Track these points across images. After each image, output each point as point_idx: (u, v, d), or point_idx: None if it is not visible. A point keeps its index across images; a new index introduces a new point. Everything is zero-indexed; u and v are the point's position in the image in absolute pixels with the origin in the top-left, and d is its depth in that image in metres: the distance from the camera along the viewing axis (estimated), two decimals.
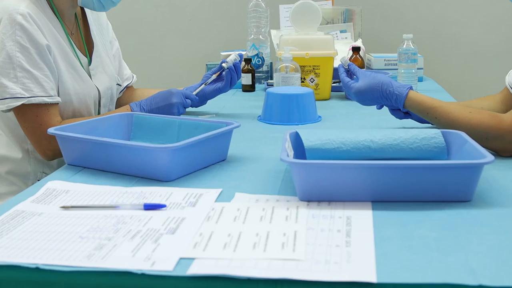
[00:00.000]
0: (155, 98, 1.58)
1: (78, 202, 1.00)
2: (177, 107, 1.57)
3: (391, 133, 1.14)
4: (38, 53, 1.40)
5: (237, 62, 1.68)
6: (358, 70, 1.44)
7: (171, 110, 1.56)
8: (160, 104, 1.56)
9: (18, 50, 1.38)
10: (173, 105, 1.56)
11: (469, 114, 1.25)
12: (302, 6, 2.01)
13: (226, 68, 1.67)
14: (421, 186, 0.96)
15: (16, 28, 1.38)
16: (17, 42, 1.38)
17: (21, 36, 1.38)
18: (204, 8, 3.00)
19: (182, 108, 1.59)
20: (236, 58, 1.67)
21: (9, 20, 1.38)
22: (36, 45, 1.40)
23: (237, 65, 1.68)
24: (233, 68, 1.67)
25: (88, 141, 1.17)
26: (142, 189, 1.04)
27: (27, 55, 1.39)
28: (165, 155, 1.08)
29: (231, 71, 1.67)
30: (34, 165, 1.51)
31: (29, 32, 1.39)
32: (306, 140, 1.11)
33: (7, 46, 1.38)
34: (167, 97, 1.57)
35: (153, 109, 1.56)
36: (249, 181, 1.10)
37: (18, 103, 1.38)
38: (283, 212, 0.93)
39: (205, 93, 1.68)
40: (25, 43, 1.39)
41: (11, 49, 1.38)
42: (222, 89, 1.68)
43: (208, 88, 1.67)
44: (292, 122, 1.61)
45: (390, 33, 2.79)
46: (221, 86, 1.68)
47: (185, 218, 0.90)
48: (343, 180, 0.96)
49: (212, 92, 1.68)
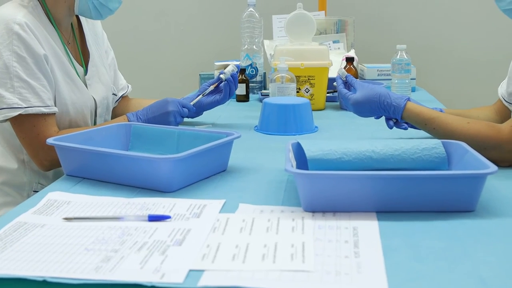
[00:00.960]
0: (152, 108, 1.58)
1: (80, 213, 0.99)
2: (174, 116, 1.56)
3: (392, 143, 1.15)
4: (35, 62, 1.39)
5: (235, 73, 1.68)
6: (356, 81, 1.44)
7: (168, 119, 1.56)
8: (157, 113, 1.56)
9: (15, 60, 1.37)
10: (170, 113, 1.56)
11: (467, 124, 1.26)
12: (297, 17, 2.02)
13: (224, 80, 1.67)
14: (425, 196, 0.97)
15: (13, 37, 1.37)
16: (14, 51, 1.37)
17: (18, 46, 1.37)
18: (197, 18, 3.01)
19: (179, 117, 1.59)
20: (233, 69, 1.68)
21: (6, 30, 1.37)
22: (33, 54, 1.39)
23: (235, 76, 1.68)
24: (231, 79, 1.67)
25: (88, 151, 1.16)
26: (145, 200, 1.04)
27: (24, 65, 1.38)
28: (167, 166, 1.08)
29: (229, 82, 1.67)
30: (29, 176, 1.50)
31: (26, 41, 1.38)
32: (308, 151, 1.11)
33: (4, 55, 1.37)
34: (163, 106, 1.57)
35: (150, 119, 1.56)
36: (251, 192, 1.10)
37: (15, 114, 1.37)
38: (289, 223, 0.92)
39: (202, 105, 1.67)
40: (22, 52, 1.38)
41: (8, 59, 1.37)
42: (220, 101, 1.68)
43: (205, 99, 1.67)
44: (289, 132, 1.61)
45: (382, 43, 2.82)
46: (219, 98, 1.68)
47: (190, 229, 0.90)
48: (348, 191, 0.96)
49: (210, 103, 1.68)
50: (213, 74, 2.31)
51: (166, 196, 1.07)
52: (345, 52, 2.45)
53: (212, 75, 2.32)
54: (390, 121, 1.43)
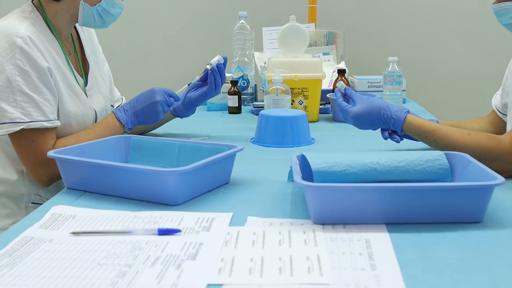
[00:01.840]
0: (138, 99, 1.57)
1: (87, 227, 0.98)
2: (161, 105, 1.56)
3: (396, 155, 1.15)
4: (39, 76, 1.38)
5: (221, 63, 1.67)
6: (355, 94, 1.45)
7: (156, 108, 1.55)
8: (144, 104, 1.55)
9: (18, 73, 1.35)
10: (157, 103, 1.55)
11: (468, 136, 1.28)
12: (290, 29, 2.03)
13: (210, 70, 1.66)
14: (434, 207, 0.97)
15: (15, 51, 1.35)
16: (16, 65, 1.35)
17: (21, 60, 1.36)
18: (186, 30, 3.01)
19: (166, 106, 1.58)
20: (219, 59, 1.67)
21: (8, 44, 1.36)
22: (36, 68, 1.37)
23: (221, 66, 1.67)
24: (216, 69, 1.66)
25: (91, 164, 1.15)
26: (152, 214, 1.03)
27: (27, 79, 1.36)
28: (173, 179, 1.07)
29: (214, 72, 1.66)
30: (28, 187, 1.47)
31: (29, 55, 1.36)
32: (313, 163, 1.11)
33: (7, 69, 1.35)
34: (150, 96, 1.56)
35: (138, 111, 1.55)
36: (258, 205, 1.10)
37: (17, 128, 1.35)
38: (300, 236, 0.92)
39: (191, 100, 1.67)
40: (25, 66, 1.36)
41: (11, 73, 1.35)
42: (207, 93, 1.67)
43: (193, 94, 1.67)
44: (286, 145, 1.61)
45: (372, 55, 2.84)
46: (206, 90, 1.67)
47: (202, 243, 0.89)
48: (358, 203, 0.97)
49: (198, 97, 1.68)
50: None
51: (173, 209, 1.06)
52: (335, 64, 2.46)
53: None
54: (385, 132, 1.44)
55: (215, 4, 2.99)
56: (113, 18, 1.56)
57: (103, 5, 1.51)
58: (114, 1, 1.52)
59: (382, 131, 1.44)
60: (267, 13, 2.86)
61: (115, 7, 1.53)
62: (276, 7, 2.90)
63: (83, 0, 1.48)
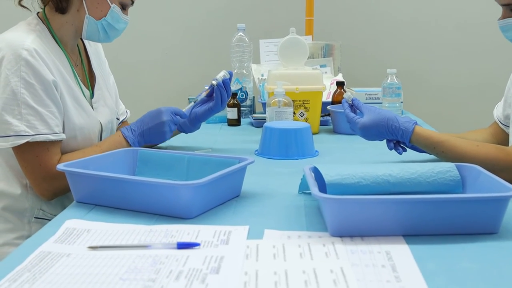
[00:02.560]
0: (145, 119, 1.57)
1: (103, 241, 0.97)
2: (168, 125, 1.56)
3: (408, 167, 1.16)
4: (44, 89, 1.37)
5: (226, 79, 1.67)
6: (362, 105, 1.46)
7: (163, 129, 1.55)
8: (151, 124, 1.56)
9: (23, 86, 1.34)
10: (164, 123, 1.55)
11: (476, 147, 1.29)
12: (290, 41, 2.04)
13: (216, 85, 1.66)
14: (450, 219, 0.98)
15: (21, 63, 1.34)
16: (22, 78, 1.34)
17: (26, 72, 1.35)
18: (184, 42, 3.02)
19: (173, 125, 1.58)
20: (225, 75, 1.67)
21: (14, 56, 1.35)
22: (42, 81, 1.37)
23: (226, 81, 1.67)
24: (222, 85, 1.66)
25: (103, 177, 1.14)
26: (167, 227, 1.02)
27: (32, 92, 1.35)
28: (188, 192, 1.06)
29: (220, 87, 1.66)
30: (32, 202, 1.46)
31: (35, 68, 1.36)
32: (327, 175, 1.11)
33: (12, 82, 1.34)
34: (157, 116, 1.56)
35: (144, 131, 1.55)
36: (272, 217, 1.09)
37: (23, 141, 1.34)
38: (320, 248, 0.92)
39: (197, 115, 1.67)
40: (30, 79, 1.35)
41: (16, 85, 1.34)
42: (213, 108, 1.67)
43: (199, 109, 1.67)
44: (290, 157, 1.61)
45: (368, 68, 2.87)
46: (212, 106, 1.67)
47: (223, 256, 0.89)
48: (375, 215, 0.97)
49: (204, 113, 1.68)
50: None
51: (187, 223, 1.05)
52: (333, 76, 2.48)
53: None
54: (391, 143, 1.45)
55: (212, 16, 3.00)
56: (118, 33, 1.56)
57: (108, 19, 1.50)
58: (119, 16, 1.52)
59: (387, 142, 1.45)
60: (264, 25, 2.88)
61: (120, 22, 1.53)
62: (273, 20, 2.92)
63: (88, 14, 1.48)
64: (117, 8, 1.51)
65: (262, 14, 2.93)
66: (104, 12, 1.49)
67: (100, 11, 1.49)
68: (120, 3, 1.52)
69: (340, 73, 2.50)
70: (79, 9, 1.49)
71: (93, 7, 1.48)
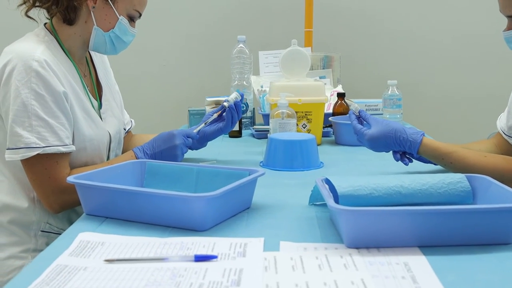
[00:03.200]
0: (157, 142, 1.56)
1: (119, 254, 0.96)
2: (181, 148, 1.56)
3: (419, 178, 1.17)
4: (54, 100, 1.36)
5: (238, 101, 1.67)
6: (370, 117, 1.46)
7: (175, 152, 1.55)
8: (163, 147, 1.55)
9: (33, 97, 1.34)
10: (177, 146, 1.55)
11: (484, 158, 1.30)
12: (292, 53, 2.05)
13: (227, 107, 1.66)
14: (465, 230, 0.98)
15: (31, 75, 1.34)
16: (32, 89, 1.34)
17: (37, 84, 1.34)
18: (183, 53, 3.02)
19: (185, 148, 1.58)
20: (237, 96, 1.68)
21: (24, 67, 1.34)
22: (52, 92, 1.36)
23: (238, 104, 1.68)
24: (234, 107, 1.66)
25: (115, 190, 1.14)
26: (182, 240, 1.02)
27: (42, 103, 1.34)
28: (201, 204, 1.06)
29: (232, 109, 1.66)
30: (39, 215, 1.45)
31: (45, 79, 1.35)
32: (339, 187, 1.12)
33: (22, 93, 1.33)
34: (170, 139, 1.56)
35: (156, 153, 1.54)
36: (285, 229, 1.09)
37: (33, 153, 1.33)
38: (338, 260, 0.92)
39: (206, 134, 1.67)
40: (41, 90, 1.34)
41: (26, 97, 1.33)
42: (223, 129, 1.67)
43: (209, 128, 1.67)
44: (296, 168, 1.61)
45: (367, 79, 2.88)
46: (222, 126, 1.67)
47: (242, 269, 0.88)
48: (392, 226, 0.97)
49: (213, 132, 1.67)
50: (204, 110, 2.31)
51: (201, 235, 1.05)
52: (332, 88, 2.49)
53: (203, 110, 2.31)
54: (397, 154, 1.46)
55: (211, 28, 3.01)
56: (125, 45, 1.56)
57: (116, 31, 1.51)
58: (126, 28, 1.52)
59: (394, 153, 1.45)
60: (263, 37, 2.89)
61: (127, 34, 1.54)
62: (272, 31, 2.94)
63: (96, 25, 1.48)
64: (125, 20, 1.51)
65: (261, 26, 2.95)
66: (112, 24, 1.50)
67: (108, 23, 1.49)
68: (128, 15, 1.52)
69: (339, 84, 2.51)
70: (87, 21, 1.49)
71: (101, 19, 1.48)
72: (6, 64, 1.36)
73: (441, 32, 2.98)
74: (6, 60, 1.37)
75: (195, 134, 1.61)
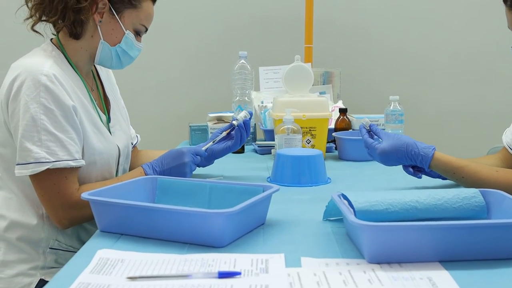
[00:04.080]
0: (166, 159, 1.56)
1: (140, 271, 0.96)
2: (190, 166, 1.55)
3: (434, 193, 1.17)
4: (63, 114, 1.36)
5: (247, 119, 1.68)
6: (380, 131, 1.47)
7: (184, 170, 1.54)
8: (172, 165, 1.54)
9: (43, 112, 1.33)
10: (186, 164, 1.55)
11: (496, 173, 1.31)
12: (295, 69, 2.06)
13: (236, 126, 1.67)
14: (485, 244, 0.98)
15: (40, 89, 1.33)
16: (41, 104, 1.33)
17: (46, 98, 1.34)
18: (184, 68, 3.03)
19: (194, 166, 1.58)
20: (246, 115, 1.68)
21: (33, 82, 1.34)
22: (61, 106, 1.36)
23: (247, 122, 1.68)
24: (243, 125, 1.67)
25: (131, 206, 1.13)
26: (202, 256, 1.01)
27: (51, 117, 1.34)
28: (220, 220, 1.06)
29: (241, 128, 1.67)
30: (48, 232, 1.44)
31: (54, 93, 1.35)
32: (356, 202, 1.12)
33: (31, 108, 1.33)
34: (179, 157, 1.55)
35: (165, 170, 1.54)
36: (303, 245, 1.09)
37: (43, 168, 1.32)
38: (362, 275, 0.92)
39: (214, 152, 1.67)
40: (50, 104, 1.34)
41: (35, 112, 1.33)
42: (232, 148, 1.68)
43: (217, 146, 1.67)
44: (303, 184, 1.62)
45: (367, 94, 2.90)
46: (230, 145, 1.67)
47: (268, 285, 0.88)
48: (413, 241, 0.97)
49: (221, 150, 1.67)
50: (205, 126, 2.31)
51: (220, 251, 1.04)
52: (332, 104, 2.50)
53: (205, 126, 2.32)
54: (409, 168, 1.47)
55: (212, 44, 3.03)
56: (131, 60, 1.57)
57: (123, 46, 1.51)
58: (132, 43, 1.53)
59: (405, 167, 1.46)
60: (264, 53, 2.91)
61: (134, 49, 1.54)
62: (272, 47, 2.95)
63: (103, 39, 1.48)
64: (131, 35, 1.52)
65: (261, 42, 2.97)
66: (119, 39, 1.50)
67: (115, 37, 1.50)
68: (134, 30, 1.53)
69: (339, 100, 2.52)
70: (93, 35, 1.49)
71: (107, 33, 1.49)
72: (15, 79, 1.36)
73: (438, 49, 3.01)
74: (14, 75, 1.37)
75: (203, 152, 1.61)
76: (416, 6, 3.00)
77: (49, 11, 1.44)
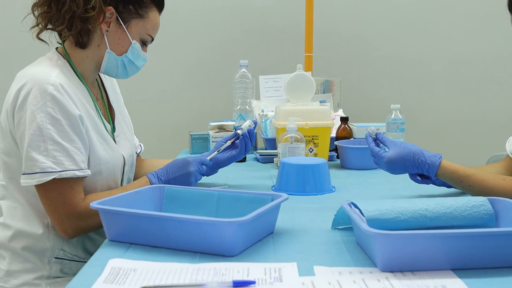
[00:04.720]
0: (171, 168, 1.55)
1: (153, 281, 0.96)
2: (195, 175, 1.55)
3: (443, 201, 1.18)
4: (70, 124, 1.35)
5: (252, 129, 1.68)
6: (387, 139, 1.48)
7: (189, 179, 1.54)
8: (177, 174, 1.54)
9: (49, 121, 1.33)
10: (191, 173, 1.55)
11: (503, 181, 1.31)
12: (297, 77, 2.07)
13: (241, 135, 1.67)
14: (497, 252, 0.99)
15: (47, 99, 1.33)
16: (48, 113, 1.33)
17: (52, 108, 1.33)
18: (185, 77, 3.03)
19: (199, 175, 1.58)
20: (250, 124, 1.69)
21: (39, 91, 1.33)
22: (68, 116, 1.35)
23: (252, 132, 1.68)
24: (247, 134, 1.67)
25: (142, 216, 1.13)
26: (215, 265, 1.01)
27: (58, 127, 1.34)
28: (232, 229, 1.06)
29: (246, 137, 1.67)
30: (53, 242, 1.43)
31: (61, 102, 1.34)
32: (366, 211, 1.12)
33: (38, 118, 1.32)
34: (184, 166, 1.55)
35: (171, 179, 1.54)
36: (314, 253, 1.09)
37: (49, 178, 1.31)
38: (376, 284, 0.92)
39: (218, 161, 1.67)
40: (56, 114, 1.34)
41: (42, 121, 1.32)
42: (236, 157, 1.68)
43: (222, 156, 1.67)
44: (308, 193, 1.62)
45: (367, 103, 2.91)
46: (235, 154, 1.67)
47: None
48: (425, 249, 0.97)
49: (226, 160, 1.67)
50: (206, 134, 2.31)
51: (231, 260, 1.04)
52: (333, 112, 2.51)
53: (206, 135, 2.32)
54: (417, 177, 1.47)
55: (212, 53, 3.04)
56: (136, 70, 1.57)
57: (129, 55, 1.51)
58: (138, 53, 1.53)
59: (412, 176, 1.47)
60: (264, 62, 2.92)
61: (140, 59, 1.54)
62: (273, 56, 2.96)
63: (109, 49, 1.48)
64: (138, 45, 1.52)
65: (261, 51, 2.98)
66: (126, 48, 1.50)
67: (122, 47, 1.50)
68: (141, 39, 1.53)
69: (340, 108, 2.53)
70: (99, 44, 1.49)
71: (114, 43, 1.49)
72: (21, 89, 1.36)
73: (437, 58, 3.03)
74: (20, 84, 1.36)
75: (208, 161, 1.61)
76: (415, 15, 3.02)
77: (56, 19, 1.44)
